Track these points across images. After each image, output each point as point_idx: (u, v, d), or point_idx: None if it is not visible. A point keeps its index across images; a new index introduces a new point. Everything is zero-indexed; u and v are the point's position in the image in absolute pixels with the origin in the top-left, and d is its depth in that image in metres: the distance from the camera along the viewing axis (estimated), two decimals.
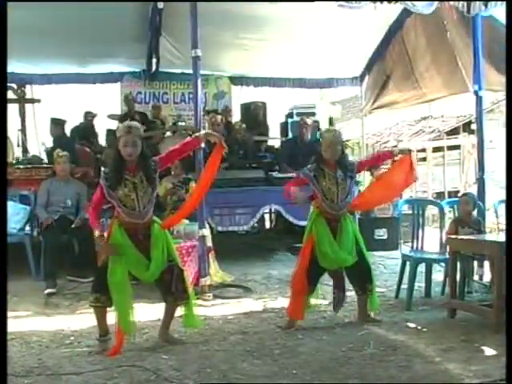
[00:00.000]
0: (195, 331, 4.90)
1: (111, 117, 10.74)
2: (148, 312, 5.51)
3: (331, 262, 4.95)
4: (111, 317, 4.50)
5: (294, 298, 5.09)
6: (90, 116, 10.65)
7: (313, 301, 5.18)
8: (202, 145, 6.03)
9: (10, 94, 9.92)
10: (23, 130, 10.36)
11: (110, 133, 9.77)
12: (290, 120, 11.76)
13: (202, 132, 5.15)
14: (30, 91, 10.86)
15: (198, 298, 5.98)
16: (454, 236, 5.58)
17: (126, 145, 4.33)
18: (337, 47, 9.93)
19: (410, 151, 5.34)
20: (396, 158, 5.39)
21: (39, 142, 10.75)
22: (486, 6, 6.79)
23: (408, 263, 5.96)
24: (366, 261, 5.11)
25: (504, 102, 11.05)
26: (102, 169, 4.54)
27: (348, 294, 5.30)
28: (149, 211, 4.44)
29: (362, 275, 5.09)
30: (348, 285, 5.20)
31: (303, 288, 5.00)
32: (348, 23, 9.08)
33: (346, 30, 9.32)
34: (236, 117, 11.56)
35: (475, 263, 6.13)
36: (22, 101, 10.38)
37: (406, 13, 9.17)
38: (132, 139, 4.34)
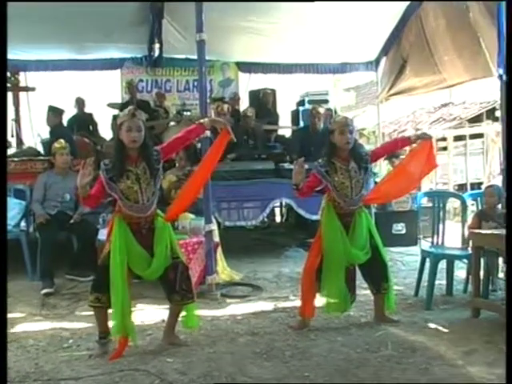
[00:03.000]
0: (201, 332, 4.91)
1: (111, 105, 10.76)
2: (151, 312, 5.54)
3: (343, 258, 4.93)
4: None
5: (304, 297, 5.07)
6: (81, 102, 10.71)
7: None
8: (208, 134, 6.03)
9: None
10: (17, 120, 10.36)
11: (116, 118, 9.78)
12: (301, 108, 11.75)
13: (207, 119, 5.11)
14: (24, 79, 10.87)
15: (204, 297, 6.01)
16: (477, 230, 5.56)
17: (130, 130, 4.28)
18: (351, 30, 9.89)
19: (429, 136, 5.27)
20: (414, 145, 5.30)
21: (34, 132, 10.78)
22: None
23: (428, 259, 5.95)
24: (382, 258, 5.06)
25: None
26: (103, 161, 4.46)
27: (364, 292, 5.30)
28: (152, 204, 4.41)
29: (376, 273, 5.06)
30: (364, 282, 5.19)
31: (313, 285, 4.98)
32: (362, 5, 9.04)
33: (360, 11, 9.28)
34: (244, 105, 11.54)
35: (500, 259, 6.09)
36: (16, 89, 10.37)
37: None
38: (136, 124, 4.30)
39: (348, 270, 4.99)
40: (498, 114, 13.75)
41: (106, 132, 10.63)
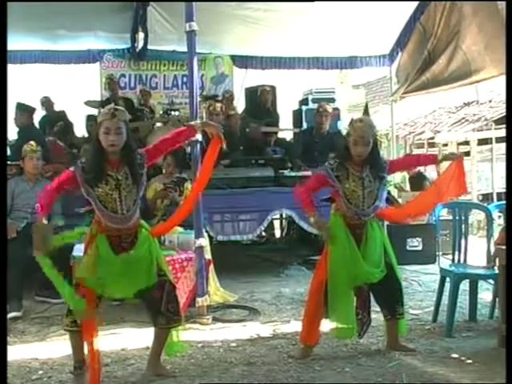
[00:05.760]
0: (191, 361, 4.89)
1: (89, 104, 10.74)
2: (133, 339, 5.51)
3: (354, 277, 4.92)
4: None
5: (308, 321, 5.06)
6: (47, 102, 10.68)
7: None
8: (199, 137, 6.02)
9: None
10: None
11: (91, 118, 9.79)
12: (304, 107, 11.76)
13: (199, 121, 5.11)
14: None
15: (194, 322, 6.00)
16: (504, 247, 5.55)
17: (108, 132, 4.26)
18: (360, 19, 9.90)
19: (459, 156, 5.29)
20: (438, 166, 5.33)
21: None
22: None
23: (448, 280, 5.93)
24: (397, 277, 5.06)
25: None
26: (79, 160, 4.44)
27: (374, 316, 5.27)
28: (134, 214, 4.39)
29: (391, 295, 5.05)
30: (374, 305, 5.17)
31: (319, 309, 4.96)
32: None
33: None
34: (240, 104, 11.56)
35: None
36: None
37: None
38: (116, 125, 4.28)
39: (361, 289, 4.99)
40: None
41: (83, 133, 10.60)
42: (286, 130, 11.74)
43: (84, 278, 4.28)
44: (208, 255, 6.65)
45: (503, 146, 16.45)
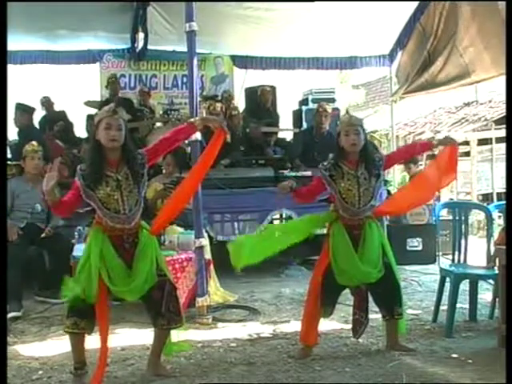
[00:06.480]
0: (191, 361, 4.88)
1: (89, 104, 10.75)
2: (133, 339, 5.50)
3: (351, 277, 4.88)
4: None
5: (308, 321, 5.05)
6: (47, 102, 10.68)
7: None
8: (199, 137, 6.02)
9: None
10: None
11: (92, 118, 9.78)
12: (304, 107, 11.76)
13: (198, 117, 5.10)
14: None
15: (194, 322, 5.99)
16: (504, 247, 5.54)
17: (110, 128, 4.25)
18: (360, 19, 9.91)
19: (454, 141, 5.25)
20: (435, 151, 5.29)
21: None
22: None
23: (448, 280, 5.92)
24: (395, 278, 5.02)
25: None
26: (79, 166, 4.42)
27: (374, 316, 5.27)
28: (136, 214, 4.38)
29: (389, 295, 5.01)
30: (374, 305, 5.16)
31: (317, 308, 4.96)
32: None
33: None
34: (239, 104, 11.54)
35: None
36: None
37: None
38: (117, 122, 4.28)
39: (359, 289, 4.98)
40: None
41: (83, 133, 10.60)
42: (286, 130, 11.73)
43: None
44: (208, 255, 6.64)
45: (503, 146, 16.44)
